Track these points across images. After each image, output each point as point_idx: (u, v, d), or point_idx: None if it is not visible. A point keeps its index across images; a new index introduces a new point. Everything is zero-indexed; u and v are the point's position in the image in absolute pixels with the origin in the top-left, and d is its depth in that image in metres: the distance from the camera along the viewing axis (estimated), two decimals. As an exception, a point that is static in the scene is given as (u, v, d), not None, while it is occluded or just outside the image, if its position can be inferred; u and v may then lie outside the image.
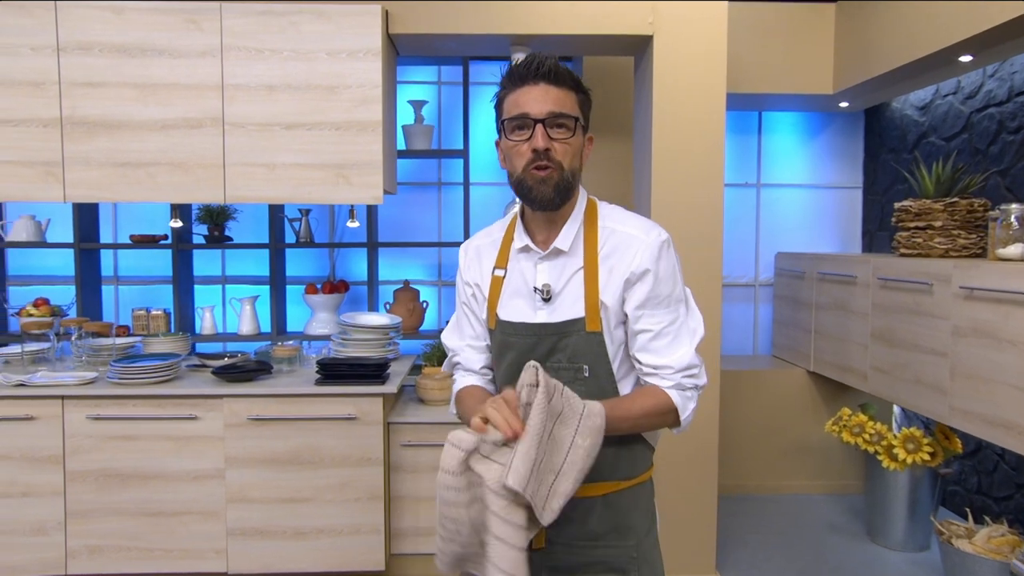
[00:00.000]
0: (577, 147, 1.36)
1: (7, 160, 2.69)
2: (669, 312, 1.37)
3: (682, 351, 1.37)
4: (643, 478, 1.45)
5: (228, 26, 2.68)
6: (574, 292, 1.37)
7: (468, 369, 1.54)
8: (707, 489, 2.95)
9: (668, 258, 1.37)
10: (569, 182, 1.35)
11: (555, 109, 1.31)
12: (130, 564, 2.73)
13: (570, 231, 1.39)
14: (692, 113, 2.86)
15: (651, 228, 1.39)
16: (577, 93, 1.36)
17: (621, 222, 1.41)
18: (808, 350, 3.97)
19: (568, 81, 1.34)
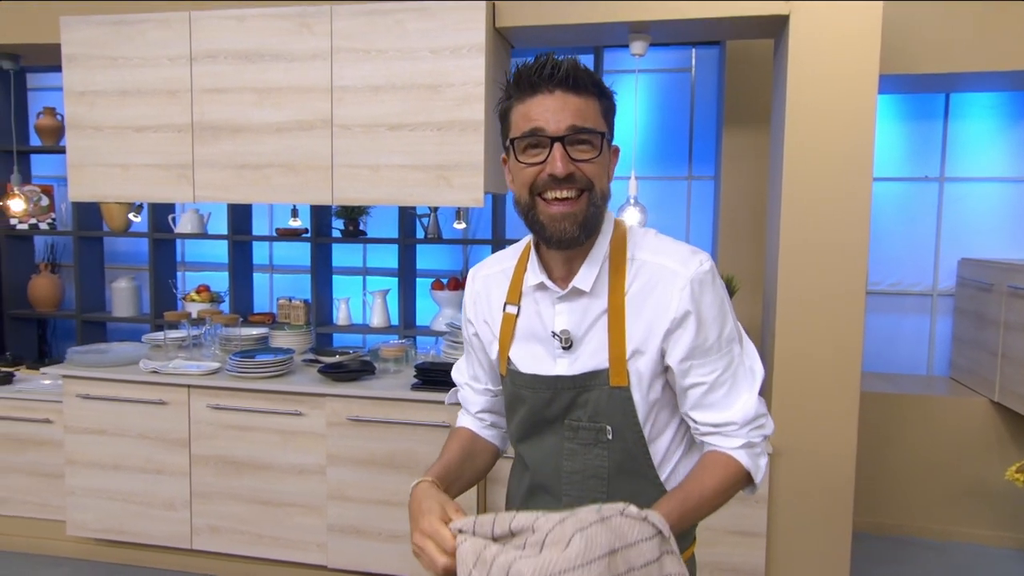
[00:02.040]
0: (606, 163, 1.14)
1: (148, 163, 2.93)
2: (722, 357, 1.15)
3: (743, 400, 1.16)
4: (687, 555, 1.26)
5: (338, 28, 2.71)
6: (598, 339, 1.17)
7: (466, 409, 1.40)
8: (840, 529, 2.60)
9: (713, 292, 1.15)
10: (599, 211, 1.14)
11: (576, 123, 1.09)
12: (244, 547, 2.91)
13: (592, 267, 1.17)
14: (834, 101, 2.49)
15: (689, 257, 1.16)
16: (601, 99, 1.14)
17: (654, 252, 1.17)
18: (993, 376, 3.38)
19: (590, 86, 1.12)
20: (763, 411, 1.18)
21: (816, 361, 2.57)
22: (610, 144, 1.17)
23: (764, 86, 3.46)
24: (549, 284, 1.20)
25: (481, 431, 1.39)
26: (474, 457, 1.33)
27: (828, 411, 2.58)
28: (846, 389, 2.56)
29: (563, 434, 1.19)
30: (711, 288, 1.15)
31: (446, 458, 1.27)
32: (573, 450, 1.19)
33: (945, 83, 3.58)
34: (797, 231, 2.55)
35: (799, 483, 2.61)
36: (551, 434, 1.21)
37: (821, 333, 2.56)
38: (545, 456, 1.22)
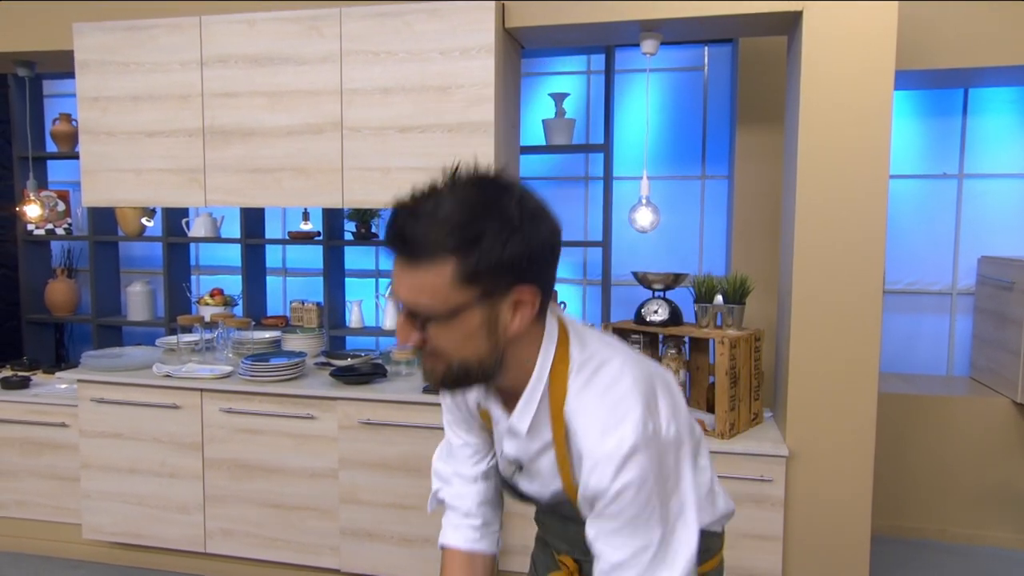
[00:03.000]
0: (467, 331, 0.95)
1: (160, 168, 2.94)
2: (636, 537, 0.98)
3: None
4: (706, 567, 1.26)
5: (347, 30, 2.71)
6: (548, 470, 1.10)
7: (454, 508, 1.28)
8: (858, 534, 2.56)
9: (631, 473, 0.96)
10: (465, 373, 0.99)
11: (408, 299, 0.95)
12: (257, 550, 2.91)
13: (526, 411, 1.06)
14: (849, 97, 2.45)
15: (608, 433, 0.97)
16: (462, 257, 0.91)
17: (583, 414, 1.01)
18: (1015, 376, 3.32)
19: (431, 250, 0.91)
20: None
21: (833, 362, 2.54)
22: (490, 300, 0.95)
23: (778, 84, 3.42)
24: (496, 411, 1.14)
25: (475, 545, 1.27)
26: None
27: (845, 413, 2.54)
28: (863, 390, 2.52)
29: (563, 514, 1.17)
30: (632, 468, 0.96)
31: None
32: (577, 527, 1.10)
33: (963, 78, 3.53)
34: (812, 230, 2.52)
35: (816, 486, 2.57)
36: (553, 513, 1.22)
37: (838, 334, 2.53)
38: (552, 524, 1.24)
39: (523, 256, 0.94)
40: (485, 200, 0.93)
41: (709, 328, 2.76)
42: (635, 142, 4.04)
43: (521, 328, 0.99)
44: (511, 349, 1.01)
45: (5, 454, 3.21)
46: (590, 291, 4.24)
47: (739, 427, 2.68)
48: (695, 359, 2.92)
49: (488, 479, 1.28)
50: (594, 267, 4.21)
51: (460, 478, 1.28)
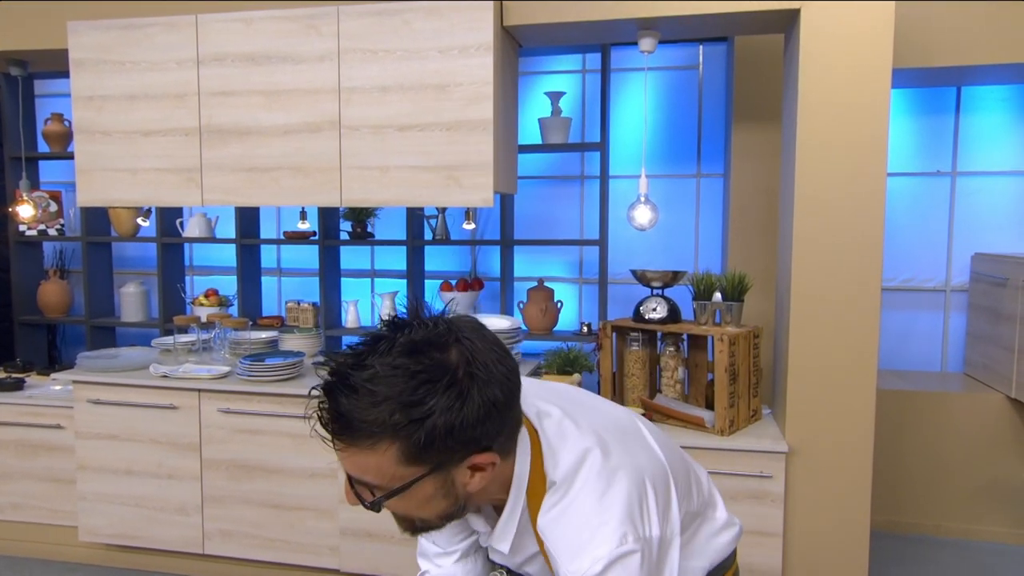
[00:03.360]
0: (421, 498, 0.93)
1: (156, 167, 2.93)
2: None
3: None
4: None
5: (345, 29, 2.70)
6: (539, 572, 1.11)
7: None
8: (857, 530, 2.57)
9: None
10: (427, 526, 1.00)
11: (355, 475, 0.93)
12: (256, 551, 2.90)
13: (505, 535, 1.05)
14: (847, 95, 2.47)
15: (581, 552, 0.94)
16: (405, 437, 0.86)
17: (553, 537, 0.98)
18: (1009, 372, 3.35)
19: (372, 435, 0.86)
20: None
21: (831, 359, 2.55)
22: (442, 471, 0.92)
23: (774, 82, 3.44)
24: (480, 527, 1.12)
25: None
26: None
27: (845, 409, 2.55)
28: (862, 386, 2.54)
29: None
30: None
31: None
32: None
33: (956, 76, 3.56)
34: (811, 227, 2.53)
35: (815, 482, 2.58)
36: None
37: (837, 330, 2.54)
38: None
39: (474, 424, 0.88)
40: (427, 369, 0.86)
41: (708, 325, 2.76)
42: (630, 140, 4.05)
43: (481, 484, 0.95)
44: (479, 493, 0.98)
45: (0, 457, 3.18)
46: (586, 289, 4.24)
47: (738, 424, 2.69)
48: (693, 356, 2.93)
49: (477, 553, 1.25)
50: (590, 266, 4.21)
51: (447, 555, 1.24)
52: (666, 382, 2.91)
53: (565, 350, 3.03)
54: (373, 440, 0.85)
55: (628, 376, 2.92)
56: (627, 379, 2.93)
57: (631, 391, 2.91)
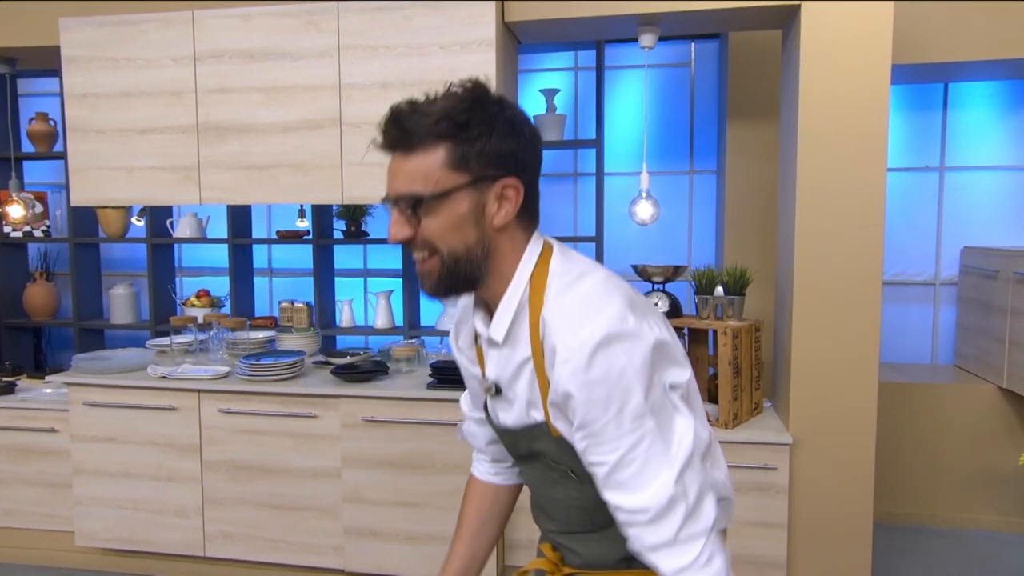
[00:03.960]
0: (456, 218, 1.00)
1: (152, 166, 2.88)
2: (624, 435, 0.96)
3: (657, 484, 0.96)
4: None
5: (345, 25, 2.68)
6: (525, 387, 1.07)
7: (475, 447, 1.37)
8: (860, 520, 2.60)
9: (605, 365, 0.94)
10: (455, 266, 1.02)
11: (401, 189, 1.00)
12: (258, 552, 2.86)
13: (503, 318, 1.06)
14: (847, 91, 2.49)
15: (582, 325, 0.96)
16: (453, 143, 0.98)
17: (558, 313, 1.00)
18: (1000, 363, 3.40)
19: (425, 136, 0.98)
20: (688, 494, 0.98)
21: (834, 351, 2.57)
22: (479, 186, 1.01)
23: (768, 78, 3.47)
24: (480, 327, 1.13)
25: (491, 478, 1.36)
26: (492, 520, 1.36)
27: (847, 401, 2.57)
28: (864, 378, 2.56)
29: (544, 466, 1.13)
30: (603, 360, 0.94)
31: (458, 548, 1.33)
32: (555, 479, 1.13)
33: (943, 72, 3.60)
34: (812, 222, 2.55)
35: (819, 474, 2.60)
36: (536, 465, 1.16)
37: (838, 323, 2.56)
38: (535, 482, 1.20)
39: (508, 149, 1.01)
40: (474, 97, 1.01)
41: (710, 319, 2.78)
42: (623, 138, 4.06)
43: (505, 220, 1.03)
44: (495, 254, 1.04)
45: (-8, 462, 3.12)
46: (581, 287, 4.24)
47: (742, 416, 2.71)
48: (694, 351, 2.93)
49: None
50: (584, 263, 4.21)
51: (472, 419, 1.34)
52: (668, 377, 2.92)
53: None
54: (425, 144, 0.98)
55: (630, 371, 2.92)
56: (629, 374, 2.93)
57: (633, 386, 2.91)
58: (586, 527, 1.15)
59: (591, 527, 1.15)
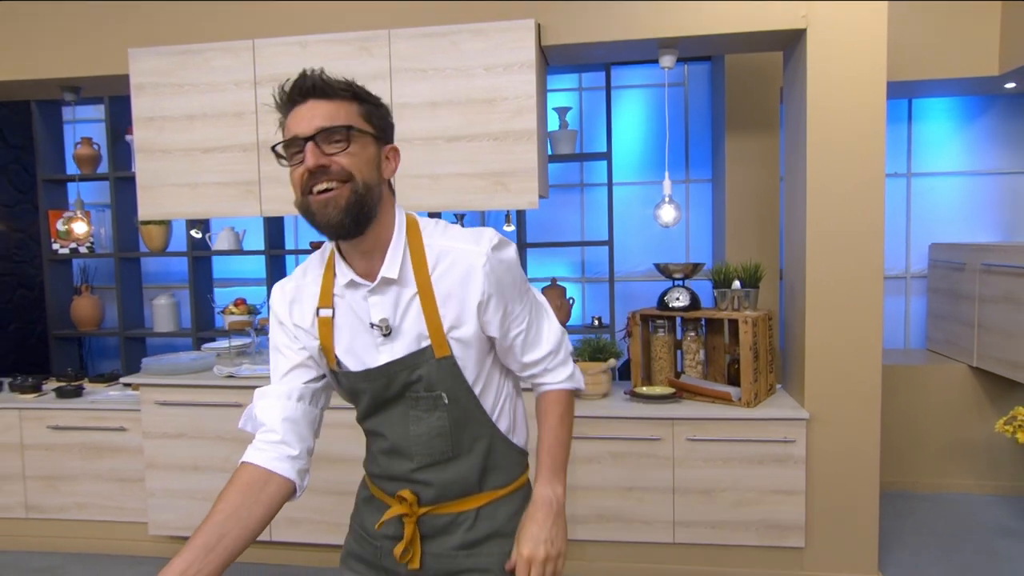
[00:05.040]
0: (366, 157, 1.13)
1: (216, 181, 2.88)
2: (525, 306, 1.25)
3: (548, 329, 1.29)
4: (517, 484, 1.30)
5: (396, 50, 2.72)
6: (415, 321, 1.18)
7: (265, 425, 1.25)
8: (868, 487, 2.69)
9: (503, 259, 1.19)
10: (363, 197, 1.11)
11: (324, 124, 1.11)
12: (321, 535, 2.86)
13: (395, 256, 1.17)
14: (849, 105, 2.59)
15: (478, 237, 1.19)
16: (360, 103, 1.16)
17: (447, 237, 1.20)
18: (970, 345, 3.53)
19: (341, 92, 1.14)
20: (561, 329, 1.31)
21: (843, 337, 2.66)
22: (378, 140, 1.17)
23: (763, 95, 3.58)
24: (359, 280, 1.19)
25: (272, 463, 1.21)
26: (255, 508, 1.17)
27: (855, 380, 2.66)
28: (870, 359, 2.65)
29: (407, 405, 1.21)
30: (502, 256, 1.19)
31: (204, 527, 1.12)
32: (418, 416, 1.21)
33: (908, 89, 3.74)
34: (821, 222, 2.64)
35: (832, 446, 2.68)
36: (396, 406, 1.22)
37: (846, 314, 2.65)
38: (394, 425, 1.23)
39: (391, 125, 1.23)
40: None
41: (729, 311, 2.85)
42: (623, 151, 4.15)
43: (391, 174, 1.20)
44: (383, 202, 1.17)
45: (65, 459, 3.07)
46: (588, 287, 4.31)
47: (760, 397, 2.78)
48: (711, 340, 3.01)
49: (300, 401, 1.27)
50: (590, 266, 4.28)
51: (274, 394, 1.26)
52: (688, 363, 2.99)
53: (594, 340, 3.08)
54: (342, 96, 1.14)
55: (656, 359, 2.99)
56: (655, 362, 2.99)
57: (658, 372, 2.98)
58: (447, 454, 1.23)
59: (451, 453, 1.23)
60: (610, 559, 2.81)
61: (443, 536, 1.24)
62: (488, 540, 1.24)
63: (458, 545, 1.24)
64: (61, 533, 3.13)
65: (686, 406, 2.76)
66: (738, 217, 3.69)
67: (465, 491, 1.23)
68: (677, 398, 2.82)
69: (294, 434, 1.24)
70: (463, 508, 1.24)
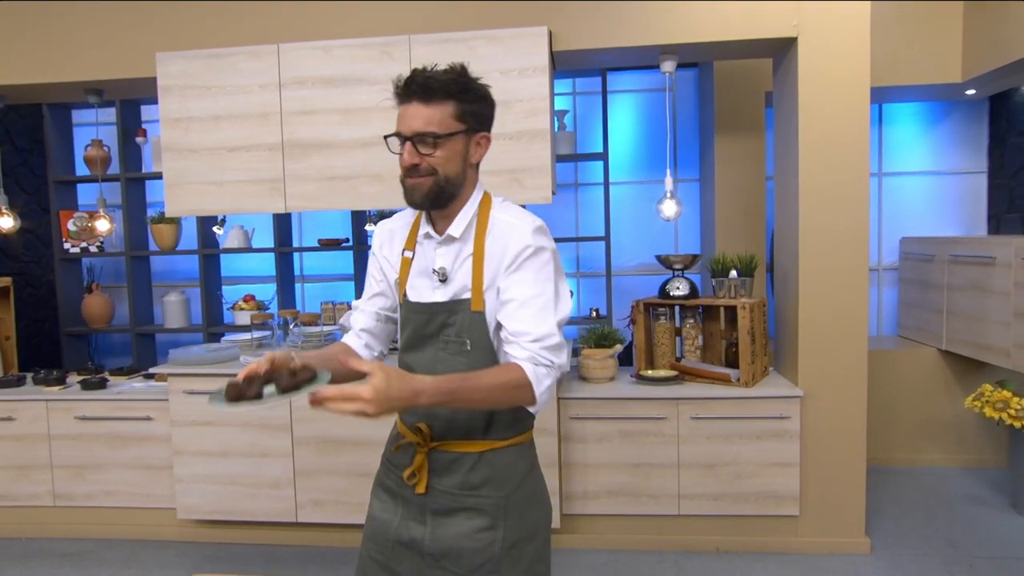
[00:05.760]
0: (453, 153, 1.32)
1: (241, 179, 2.92)
2: (537, 284, 1.32)
3: (544, 324, 1.31)
4: (520, 439, 1.42)
5: (416, 54, 2.79)
6: (464, 275, 1.37)
7: (352, 328, 1.55)
8: (856, 458, 2.82)
9: (541, 239, 1.34)
10: (443, 187, 1.33)
11: (420, 129, 1.29)
12: (346, 516, 2.91)
13: (462, 221, 1.38)
14: (837, 108, 2.73)
15: (529, 216, 1.37)
16: (458, 102, 1.30)
17: (506, 212, 1.38)
18: (940, 330, 3.71)
19: (440, 94, 1.29)
20: (559, 342, 1.32)
21: (833, 323, 2.79)
22: (469, 134, 1.34)
23: (750, 99, 3.72)
24: (433, 234, 1.41)
25: (361, 349, 1.52)
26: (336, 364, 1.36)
27: (843, 362, 2.79)
28: (856, 342, 2.79)
29: (438, 347, 1.38)
30: (541, 236, 1.34)
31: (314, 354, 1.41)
32: (444, 358, 1.38)
33: (878, 95, 3.91)
34: (813, 217, 2.76)
35: (823, 422, 2.81)
36: (430, 347, 1.40)
37: (835, 300, 2.78)
38: (423, 362, 1.40)
39: (487, 112, 1.36)
40: (468, 74, 1.33)
41: (726, 298, 2.97)
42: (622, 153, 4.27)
43: (479, 158, 1.39)
44: (467, 182, 1.37)
45: (91, 448, 3.08)
46: (584, 283, 4.41)
47: (757, 378, 2.91)
48: (708, 326, 3.13)
49: (378, 321, 1.53)
50: (585, 261, 4.39)
51: (362, 308, 1.54)
52: (688, 348, 3.11)
53: (598, 328, 3.18)
54: (441, 98, 1.29)
55: (658, 345, 3.10)
56: (656, 347, 3.10)
57: (660, 357, 3.09)
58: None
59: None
60: (619, 531, 2.91)
61: (448, 474, 1.37)
62: (485, 484, 1.36)
63: (459, 484, 1.36)
64: (89, 520, 3.13)
65: (688, 387, 2.88)
66: (727, 214, 3.82)
67: (469, 433, 1.36)
68: (680, 380, 2.93)
69: (374, 337, 1.54)
70: (467, 449, 1.36)
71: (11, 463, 3.12)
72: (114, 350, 4.76)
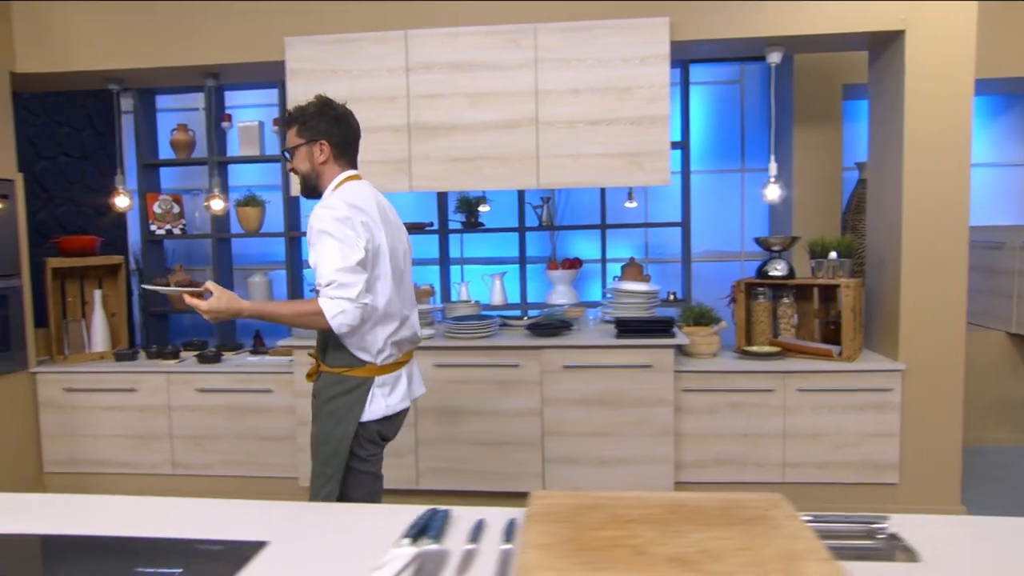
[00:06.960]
0: (302, 159, 1.91)
1: (368, 160, 3.03)
2: (314, 248, 1.81)
3: (321, 271, 1.77)
4: (338, 370, 1.88)
5: (542, 42, 2.92)
6: None
7: None
8: (953, 429, 2.98)
9: (319, 213, 1.79)
10: (306, 181, 1.94)
11: (287, 146, 1.94)
12: (465, 483, 3.05)
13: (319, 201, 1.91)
14: (941, 98, 2.88)
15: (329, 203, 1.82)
16: (296, 125, 1.90)
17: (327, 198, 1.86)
18: (1009, 314, 3.88)
19: (288, 122, 1.92)
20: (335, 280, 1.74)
21: (933, 303, 2.94)
22: (310, 144, 1.90)
23: (828, 90, 3.87)
24: None
25: None
26: None
27: (942, 339, 2.95)
28: (954, 321, 2.94)
29: None
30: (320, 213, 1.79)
31: None
32: None
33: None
34: (917, 203, 2.91)
35: (923, 394, 2.97)
36: None
37: (936, 281, 2.94)
38: None
39: (323, 128, 1.89)
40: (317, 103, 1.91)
41: (824, 279, 3.13)
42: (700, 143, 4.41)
43: (325, 158, 1.90)
44: (322, 177, 1.92)
45: (210, 420, 3.20)
46: (652, 268, 4.55)
47: (856, 353, 3.07)
48: (801, 306, 3.29)
49: None
50: (654, 248, 4.53)
51: None
52: (783, 326, 3.26)
53: (695, 307, 3.33)
54: (290, 124, 1.92)
55: (756, 323, 3.25)
56: (755, 326, 3.26)
57: (759, 335, 3.24)
58: (324, 342, 1.91)
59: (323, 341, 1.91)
60: (725, 499, 3.05)
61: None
62: (317, 394, 1.93)
63: (312, 390, 1.96)
64: (209, 488, 3.26)
65: (791, 362, 3.03)
66: (805, 200, 3.98)
67: (319, 353, 1.91)
68: (783, 355, 3.08)
69: None
70: (319, 368, 1.93)
71: (133, 432, 3.24)
72: (184, 331, 4.87)
